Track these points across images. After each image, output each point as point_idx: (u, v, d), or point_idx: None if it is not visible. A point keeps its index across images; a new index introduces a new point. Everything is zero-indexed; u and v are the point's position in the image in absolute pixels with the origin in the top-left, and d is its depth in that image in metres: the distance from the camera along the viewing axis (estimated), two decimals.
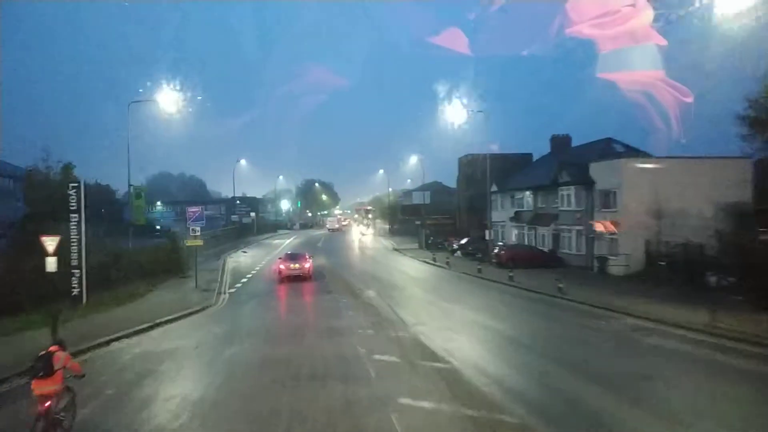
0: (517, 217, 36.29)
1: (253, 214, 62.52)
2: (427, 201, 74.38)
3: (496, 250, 30.65)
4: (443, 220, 46.13)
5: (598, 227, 30.50)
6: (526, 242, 35.25)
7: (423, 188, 78.73)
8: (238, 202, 72.18)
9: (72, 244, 17.27)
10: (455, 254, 37.13)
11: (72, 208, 17.37)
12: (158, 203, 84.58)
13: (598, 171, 27.79)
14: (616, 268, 25.53)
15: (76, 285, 17.30)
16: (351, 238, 60.11)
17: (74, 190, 17.44)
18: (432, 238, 43.60)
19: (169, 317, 16.00)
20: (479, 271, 26.61)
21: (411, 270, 30.38)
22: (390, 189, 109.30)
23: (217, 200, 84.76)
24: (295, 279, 25.49)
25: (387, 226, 74.60)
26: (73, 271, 17.25)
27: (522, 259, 28.32)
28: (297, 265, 24.92)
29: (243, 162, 59.57)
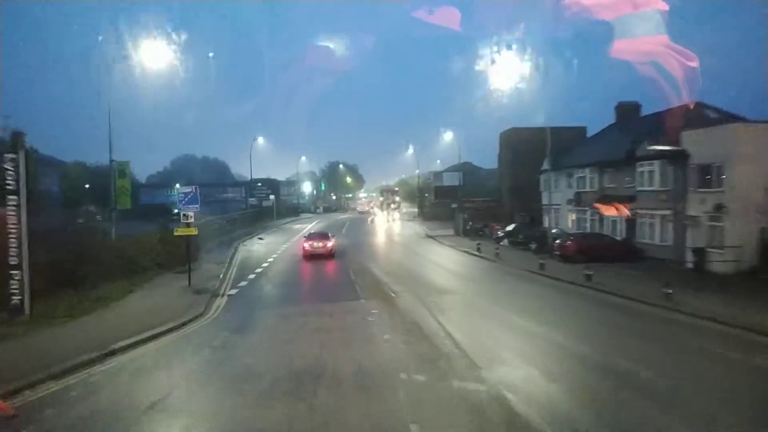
0: (577, 200, 30.57)
1: (272, 196, 58.14)
2: (460, 182, 69.43)
3: (558, 240, 25.08)
4: (483, 204, 40.55)
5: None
6: (588, 229, 29.62)
7: (454, 169, 73.25)
8: (259, 184, 68.07)
9: (10, 236, 12.81)
10: (501, 243, 31.77)
11: (9, 187, 12.84)
12: (177, 185, 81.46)
13: (694, 141, 21.87)
14: (721, 264, 19.85)
15: (16, 290, 12.87)
16: (378, 223, 54.96)
17: (12, 164, 12.90)
18: (470, 223, 38.27)
19: (133, 340, 11.37)
20: (541, 267, 21.26)
21: (453, 263, 25.28)
22: (417, 171, 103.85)
23: (240, 183, 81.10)
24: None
25: (416, 210, 69.45)
26: (11, 272, 12.81)
27: (593, 251, 22.78)
28: (320, 244, 26.31)
29: (261, 140, 54.87)
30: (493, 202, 42.35)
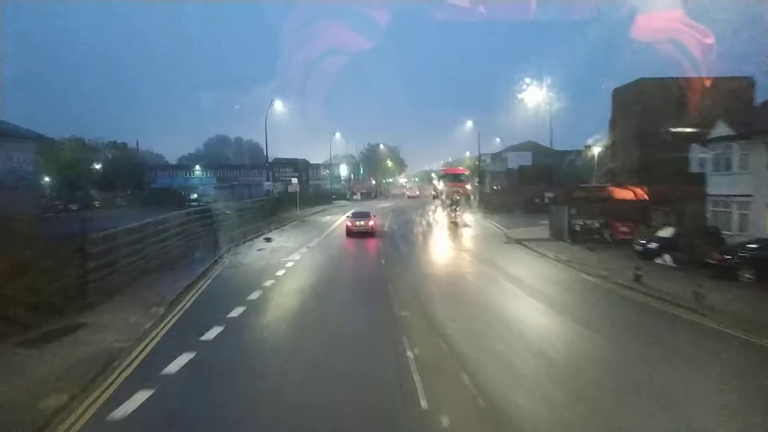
0: None
1: (295, 180, 46.47)
2: (528, 163, 58.07)
3: None
4: (597, 193, 26.92)
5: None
6: None
7: (521, 148, 59.97)
8: (292, 171, 56.94)
9: None
10: (656, 260, 18.78)
11: None
12: (197, 167, 71.49)
13: None
14: None
15: None
16: (433, 219, 39.93)
17: None
18: (581, 223, 25.07)
19: None
20: None
21: (614, 322, 12.58)
22: (467, 153, 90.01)
23: (259, 165, 70.39)
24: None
25: (476, 199, 56.21)
26: None
27: None
28: (362, 222, 27.37)
29: (278, 105, 42.96)
30: (605, 191, 28.58)
